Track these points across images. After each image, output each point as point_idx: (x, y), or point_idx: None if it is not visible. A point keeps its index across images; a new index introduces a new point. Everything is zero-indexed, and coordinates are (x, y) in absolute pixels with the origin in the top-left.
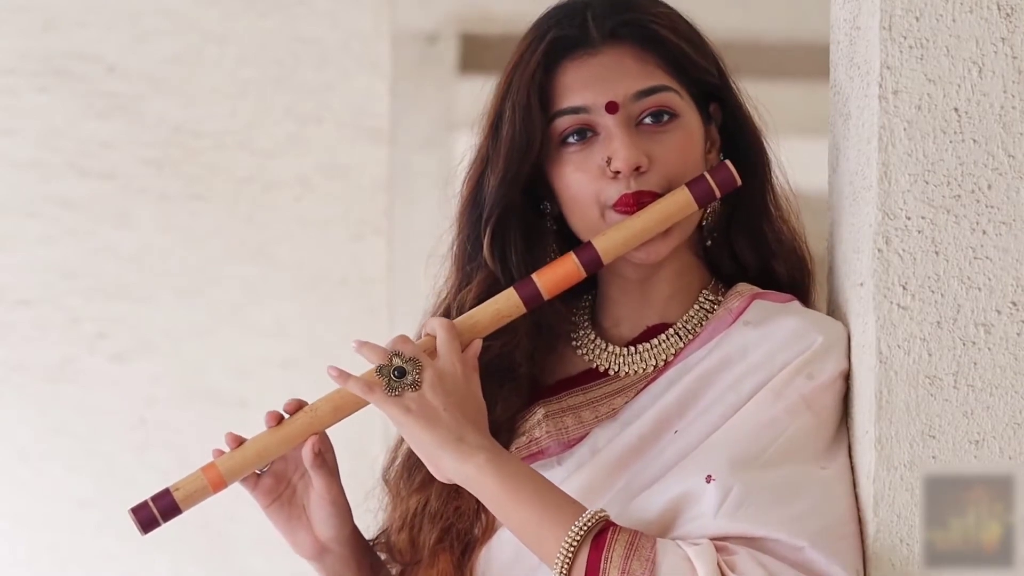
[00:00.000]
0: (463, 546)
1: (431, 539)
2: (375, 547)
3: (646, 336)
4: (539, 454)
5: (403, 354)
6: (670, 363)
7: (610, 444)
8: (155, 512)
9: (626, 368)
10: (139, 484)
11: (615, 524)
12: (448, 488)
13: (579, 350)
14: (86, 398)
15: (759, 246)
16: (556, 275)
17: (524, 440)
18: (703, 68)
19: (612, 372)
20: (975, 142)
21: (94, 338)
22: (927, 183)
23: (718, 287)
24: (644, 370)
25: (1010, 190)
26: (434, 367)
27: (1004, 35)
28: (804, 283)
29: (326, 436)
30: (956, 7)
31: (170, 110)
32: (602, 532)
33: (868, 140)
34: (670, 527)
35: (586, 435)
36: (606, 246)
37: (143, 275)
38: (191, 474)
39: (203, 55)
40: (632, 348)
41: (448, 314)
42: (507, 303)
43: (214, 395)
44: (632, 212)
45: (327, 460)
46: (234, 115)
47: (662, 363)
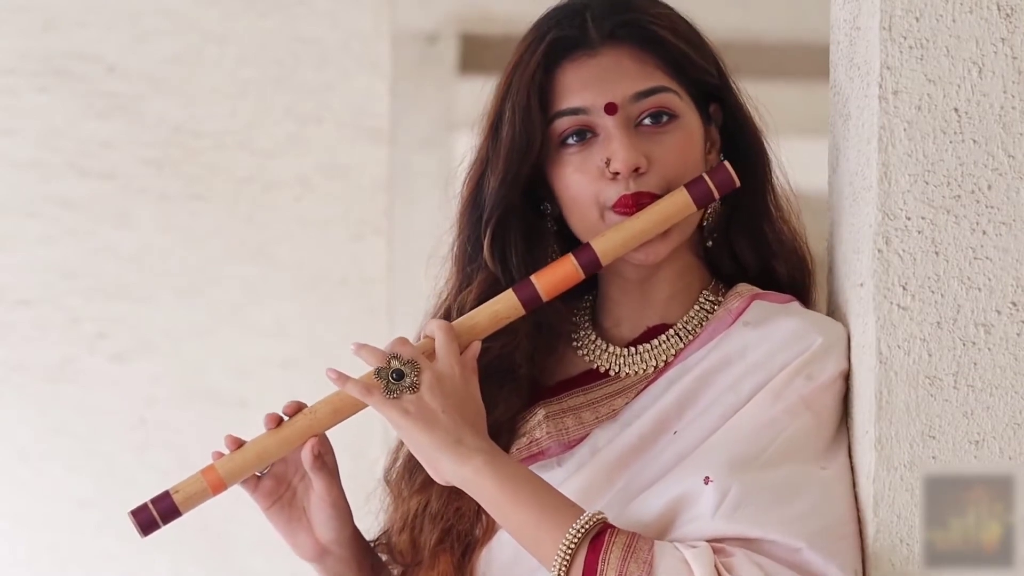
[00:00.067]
0: (463, 547)
1: (432, 540)
2: (376, 548)
3: (646, 337)
4: (539, 455)
5: (401, 356)
6: (670, 364)
7: (610, 445)
8: (155, 514)
9: (626, 369)
10: (139, 484)
11: (613, 526)
12: (449, 489)
13: (579, 351)
14: (86, 398)
15: (759, 246)
16: (555, 277)
17: (525, 441)
18: (703, 69)
19: (612, 373)
20: (975, 142)
21: (94, 338)
22: (927, 183)
23: (718, 287)
24: (644, 371)
25: (1010, 190)
26: (432, 369)
27: (1004, 35)
28: (805, 283)
29: (326, 438)
30: (956, 7)
31: (170, 110)
32: (600, 534)
33: (868, 140)
34: (669, 528)
35: (586, 436)
36: (605, 248)
37: (143, 275)
38: (190, 476)
39: (203, 55)
40: (632, 349)
41: (448, 315)
42: (506, 305)
43: (214, 395)
44: (631, 213)
45: (327, 462)
46: (234, 115)
47: (662, 364)
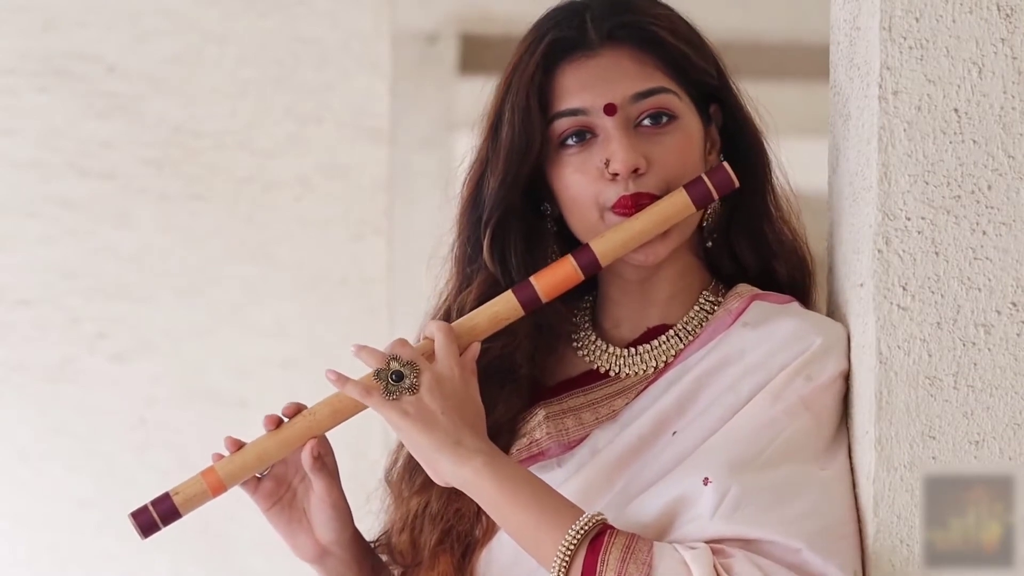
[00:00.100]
0: (463, 548)
1: (432, 541)
2: (376, 549)
3: (646, 337)
4: (539, 455)
5: (401, 358)
6: (670, 364)
7: (610, 446)
8: (155, 516)
9: (626, 369)
10: (139, 484)
11: (612, 527)
12: (449, 490)
13: (580, 351)
14: (86, 398)
15: (759, 247)
16: (554, 278)
17: (525, 441)
18: (702, 69)
19: (612, 373)
20: (975, 143)
21: (94, 338)
22: (927, 184)
23: (718, 288)
24: (644, 371)
25: (1010, 190)
26: (432, 371)
27: (1004, 35)
28: (805, 284)
29: (325, 439)
30: (956, 7)
31: (170, 110)
32: (599, 535)
33: (868, 141)
34: (668, 529)
35: (586, 436)
36: (604, 248)
37: (143, 275)
38: (190, 478)
39: (203, 55)
40: (632, 349)
41: (448, 316)
42: (505, 306)
43: (214, 395)
44: (630, 214)
45: (327, 463)
46: (234, 115)
47: (662, 364)
